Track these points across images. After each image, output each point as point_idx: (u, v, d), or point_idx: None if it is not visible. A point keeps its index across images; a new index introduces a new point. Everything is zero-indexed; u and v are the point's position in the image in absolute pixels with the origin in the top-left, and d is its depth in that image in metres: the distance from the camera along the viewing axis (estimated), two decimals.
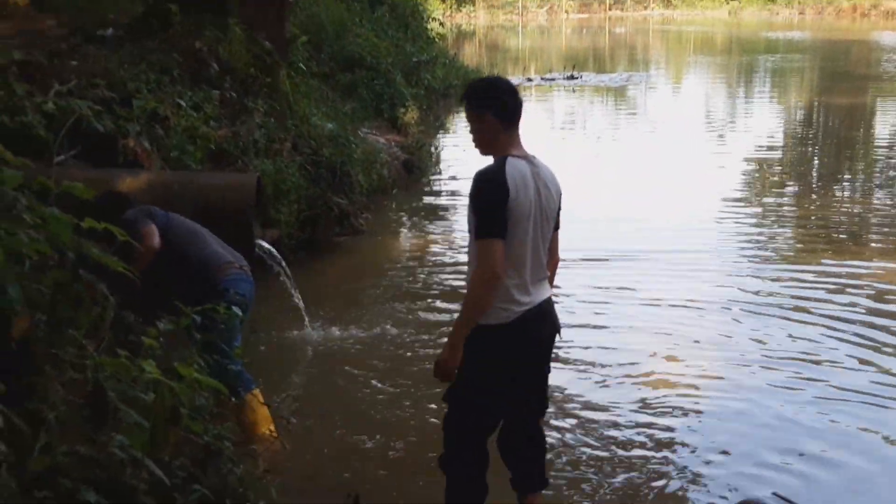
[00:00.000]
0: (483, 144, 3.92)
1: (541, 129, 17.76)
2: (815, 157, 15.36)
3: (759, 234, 9.97)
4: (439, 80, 20.96)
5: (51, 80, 7.49)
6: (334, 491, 4.50)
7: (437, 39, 23.53)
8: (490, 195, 3.74)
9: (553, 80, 25.90)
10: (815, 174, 14.06)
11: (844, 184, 12.97)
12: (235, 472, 3.62)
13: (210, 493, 3.33)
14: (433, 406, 5.67)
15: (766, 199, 11.85)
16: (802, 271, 8.48)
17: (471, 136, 3.94)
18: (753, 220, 10.58)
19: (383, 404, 5.77)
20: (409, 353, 6.62)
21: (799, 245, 9.54)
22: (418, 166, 12.99)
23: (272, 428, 4.72)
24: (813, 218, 10.76)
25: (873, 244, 9.69)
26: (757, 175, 13.48)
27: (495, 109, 3.83)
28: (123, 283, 3.43)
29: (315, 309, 7.18)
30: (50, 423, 2.98)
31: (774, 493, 4.60)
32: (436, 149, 14.89)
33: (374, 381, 6.11)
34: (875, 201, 11.75)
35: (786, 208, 11.45)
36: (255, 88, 10.33)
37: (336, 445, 5.21)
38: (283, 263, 6.84)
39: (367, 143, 12.07)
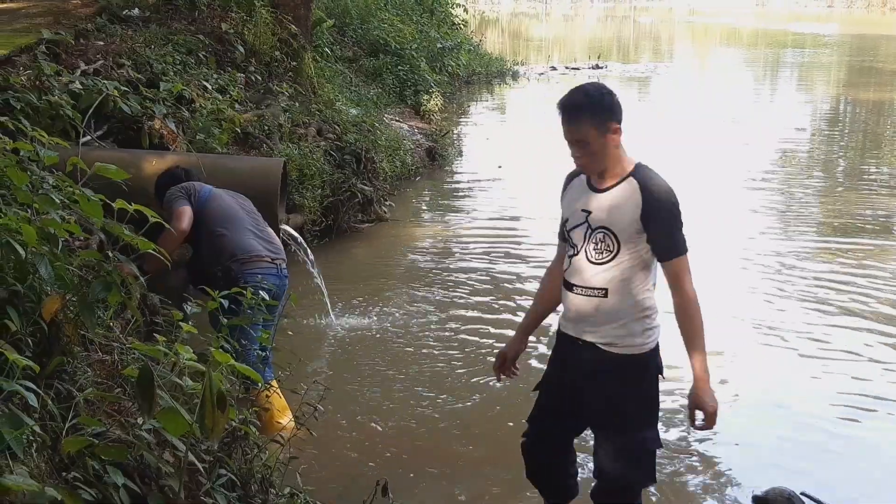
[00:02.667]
0: (606, 159, 3.55)
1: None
2: (841, 153, 15.20)
3: (782, 228, 9.88)
4: (463, 67, 20.89)
5: (77, 60, 7.49)
6: (360, 478, 4.49)
7: (462, 25, 23.44)
8: (680, 208, 3.50)
9: (578, 69, 25.74)
10: (840, 170, 13.91)
11: (870, 180, 12.82)
12: (261, 458, 3.62)
13: (236, 477, 3.32)
14: (457, 394, 5.66)
15: (791, 192, 11.74)
16: (826, 266, 8.45)
17: (578, 156, 3.58)
18: (777, 214, 10.47)
19: (407, 392, 5.75)
20: (432, 341, 6.60)
21: (822, 239, 9.44)
22: (441, 154, 12.93)
23: (288, 419, 4.70)
24: (837, 213, 10.65)
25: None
26: (781, 170, 13.35)
27: (620, 116, 3.57)
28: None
29: (338, 295, 7.17)
30: (79, 404, 2.98)
31: (803, 493, 4.57)
32: (458, 136, 14.82)
33: (397, 368, 6.10)
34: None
35: (810, 204, 11.33)
36: (280, 72, 10.33)
37: (361, 433, 5.19)
38: (307, 249, 6.82)
39: (391, 129, 12.02)
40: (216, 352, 2.55)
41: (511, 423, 5.23)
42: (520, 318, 6.97)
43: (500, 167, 12.75)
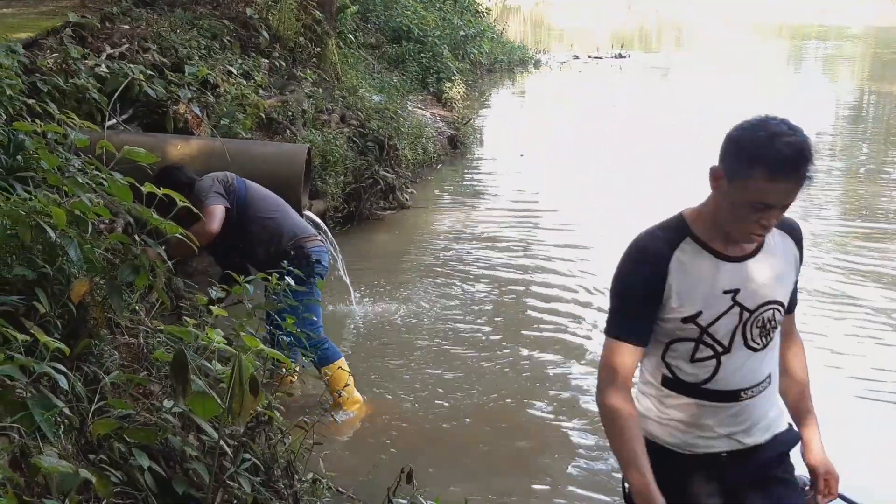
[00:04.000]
0: None
1: (591, 107, 17.65)
2: (864, 145, 15.09)
3: (802, 220, 9.78)
4: (486, 55, 20.82)
5: (102, 44, 7.50)
6: (383, 465, 4.49)
7: (485, 13, 23.36)
8: None
9: (600, 58, 25.63)
10: (862, 162, 13.78)
11: (892, 173, 12.73)
12: (285, 443, 3.63)
13: (260, 462, 3.33)
14: (482, 387, 5.66)
15: (811, 185, 11.60)
16: (845, 258, 8.37)
17: (767, 225, 2.55)
18: (797, 205, 10.36)
19: (428, 381, 5.74)
20: (451, 330, 6.59)
21: (843, 232, 9.36)
22: (463, 142, 12.91)
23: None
24: (858, 205, 10.58)
25: None
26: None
27: None
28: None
29: (360, 282, 7.17)
30: (105, 387, 2.99)
31: (841, 496, 4.52)
32: (480, 124, 14.79)
33: (418, 357, 6.09)
34: None
35: (832, 195, 11.25)
36: (304, 58, 10.33)
37: (384, 420, 5.19)
38: (330, 235, 6.82)
39: (414, 116, 12.00)
40: (245, 336, 2.55)
41: (537, 420, 5.25)
42: (542, 307, 7.03)
43: (521, 156, 12.72)
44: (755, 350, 2.63)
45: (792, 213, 2.65)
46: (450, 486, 4.47)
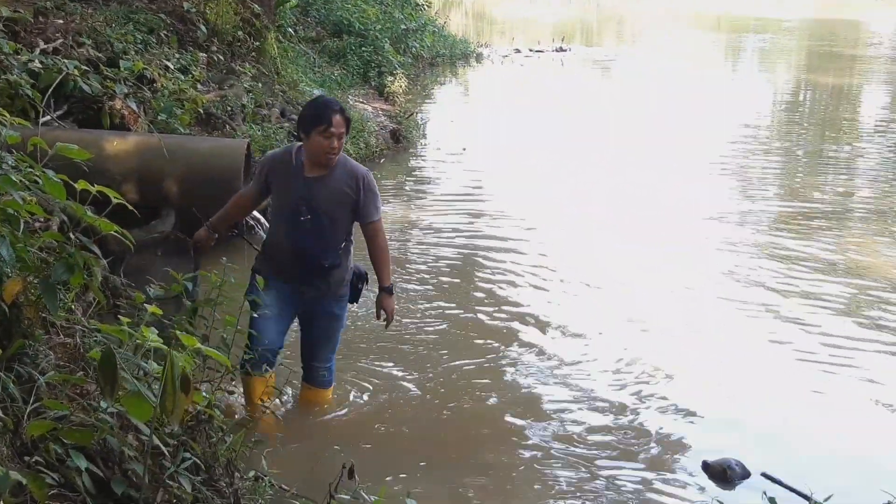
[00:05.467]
0: None
1: (526, 101, 17.74)
2: (801, 137, 15.37)
3: (742, 212, 9.96)
4: (427, 49, 20.81)
5: (36, 39, 7.38)
6: (325, 461, 4.49)
7: (426, 6, 23.33)
8: None
9: (542, 51, 25.73)
10: (800, 154, 14.06)
11: (829, 164, 13.00)
12: (226, 441, 3.60)
13: (200, 461, 3.30)
14: (430, 380, 5.68)
15: (749, 178, 11.87)
16: (783, 248, 8.56)
17: None
18: (737, 198, 10.56)
19: (375, 375, 5.72)
20: (395, 323, 6.57)
21: (780, 223, 9.55)
22: (405, 136, 12.88)
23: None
24: (797, 197, 10.79)
25: (856, 224, 9.81)
26: (741, 154, 13.46)
27: None
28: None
29: None
30: (41, 387, 2.95)
31: (763, 474, 4.63)
32: (423, 119, 14.79)
33: (365, 351, 6.05)
34: (858, 183, 11.82)
35: (770, 187, 11.49)
36: (243, 52, 10.26)
37: (327, 416, 5.16)
38: (263, 221, 6.78)
39: (355, 110, 11.96)
40: (183, 335, 2.52)
41: (486, 413, 5.29)
42: (493, 296, 7.08)
43: (464, 149, 12.73)
44: None
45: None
46: (393, 480, 4.48)
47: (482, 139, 13.66)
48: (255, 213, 6.56)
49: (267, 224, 6.49)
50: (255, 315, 4.48)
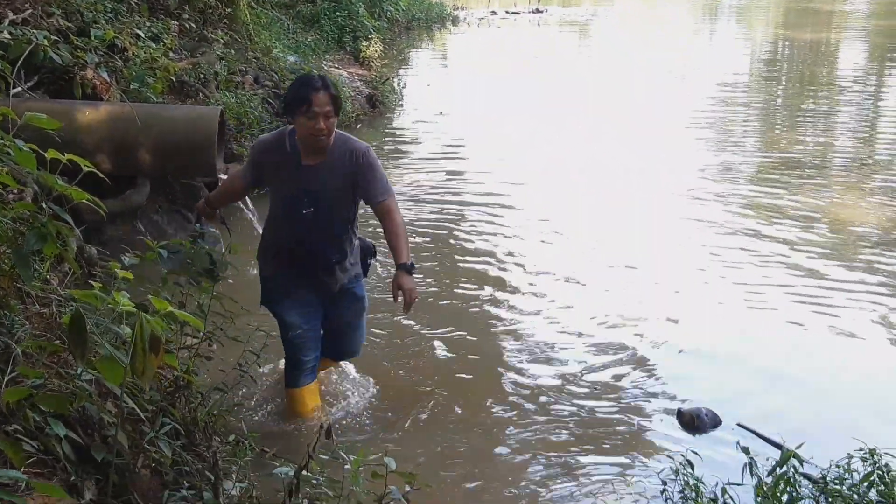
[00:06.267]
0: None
1: (503, 64, 17.70)
2: (780, 93, 15.46)
3: (722, 168, 10.04)
4: (402, 13, 20.68)
5: (4, 10, 7.28)
6: (303, 423, 4.52)
7: None
8: None
9: (518, 13, 25.61)
10: (779, 107, 14.17)
11: (808, 119, 13.08)
12: (205, 406, 3.63)
13: (180, 426, 3.33)
14: (405, 347, 5.70)
15: (730, 132, 11.94)
16: (764, 198, 8.68)
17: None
18: (714, 158, 10.62)
19: None
20: (373, 288, 6.60)
21: (761, 178, 9.65)
22: (382, 101, 12.84)
23: None
24: (777, 149, 10.88)
25: (836, 174, 9.93)
26: (721, 110, 13.53)
27: None
28: None
29: None
30: (17, 357, 2.96)
31: (739, 424, 4.72)
32: (399, 83, 14.74)
33: None
34: (837, 134, 11.92)
35: (750, 139, 11.59)
36: (215, 19, 10.16)
37: None
38: (248, 199, 6.76)
39: (331, 76, 11.90)
40: (154, 299, 2.54)
41: (464, 381, 5.34)
42: (468, 265, 7.12)
43: (441, 113, 12.71)
44: None
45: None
46: (371, 440, 4.51)
47: (459, 104, 13.65)
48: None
49: (251, 207, 6.48)
50: (290, 335, 4.39)
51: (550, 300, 6.45)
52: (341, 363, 5.11)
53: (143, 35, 8.17)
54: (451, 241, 7.57)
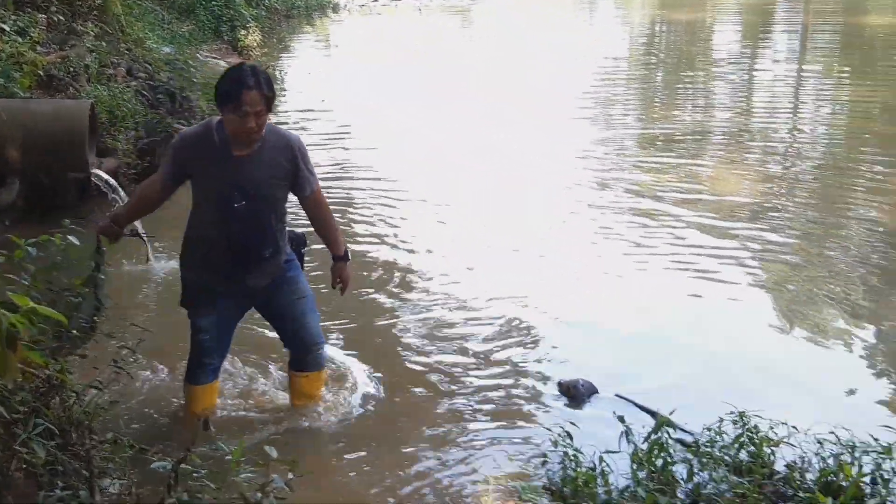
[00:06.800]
0: None
1: (384, 51, 17.71)
2: (659, 71, 15.89)
3: (605, 144, 10.27)
4: (282, 1, 20.47)
5: None
6: (182, 418, 4.47)
7: None
8: None
9: None
10: (658, 86, 14.56)
11: (687, 95, 13.51)
12: (80, 404, 3.56)
13: (54, 426, 3.26)
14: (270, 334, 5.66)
15: (612, 109, 12.22)
16: (645, 178, 8.92)
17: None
18: (598, 135, 10.83)
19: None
20: None
21: (643, 153, 9.95)
22: None
23: None
24: (656, 123, 11.20)
25: (713, 149, 10.30)
26: (603, 89, 13.81)
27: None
28: None
29: (158, 240, 6.94)
30: None
31: (617, 394, 4.85)
32: (280, 72, 14.57)
33: None
34: (715, 111, 12.40)
35: (630, 120, 11.88)
36: (84, 11, 9.87)
37: (180, 375, 5.11)
38: (122, 193, 6.63)
39: (208, 66, 11.72)
40: (14, 295, 2.48)
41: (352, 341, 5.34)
42: (361, 245, 7.11)
43: (323, 101, 12.64)
44: None
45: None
46: (249, 432, 4.47)
47: (342, 91, 13.60)
48: (102, 173, 6.40)
49: (116, 185, 6.35)
50: (199, 338, 4.26)
51: (439, 280, 6.54)
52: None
53: (7, 29, 7.90)
54: (340, 226, 7.54)
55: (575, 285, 6.44)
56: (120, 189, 6.55)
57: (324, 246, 4.40)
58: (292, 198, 4.24)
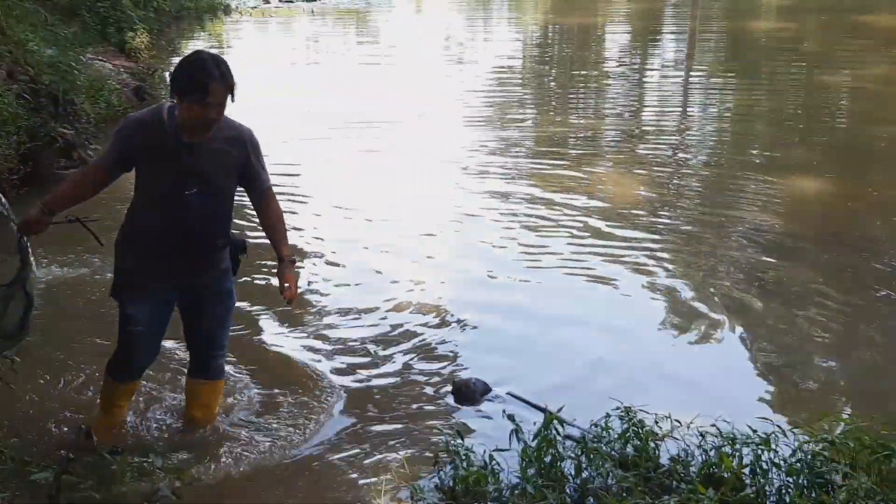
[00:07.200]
0: None
1: (277, 51, 17.58)
2: (553, 73, 16.12)
3: (503, 145, 10.37)
4: (170, 2, 20.11)
5: None
6: (62, 426, 4.35)
7: None
8: None
9: (292, 2, 25.37)
10: (552, 89, 14.78)
11: (580, 97, 13.76)
12: None
13: None
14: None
15: (508, 118, 12.30)
16: (541, 177, 9.05)
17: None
18: (496, 142, 10.85)
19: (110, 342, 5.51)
20: None
21: (539, 153, 10.07)
22: (150, 93, 12.37)
23: None
24: (551, 125, 11.35)
25: (605, 149, 10.56)
26: (499, 91, 13.94)
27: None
28: None
29: (41, 247, 6.72)
30: None
31: (509, 393, 4.90)
32: (169, 75, 14.29)
33: (102, 320, 5.77)
34: (607, 112, 12.67)
35: (527, 124, 12.01)
36: None
37: (63, 383, 4.96)
38: (3, 200, 6.38)
39: (93, 68, 11.42)
40: None
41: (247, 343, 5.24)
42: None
43: None
44: None
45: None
46: (139, 440, 4.38)
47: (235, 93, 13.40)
48: None
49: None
50: (130, 330, 4.06)
51: (334, 282, 6.59)
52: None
53: None
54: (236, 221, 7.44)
55: (468, 286, 6.48)
56: (1, 196, 6.28)
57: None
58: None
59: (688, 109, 13.03)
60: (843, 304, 6.16)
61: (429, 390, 5.06)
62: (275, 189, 4.14)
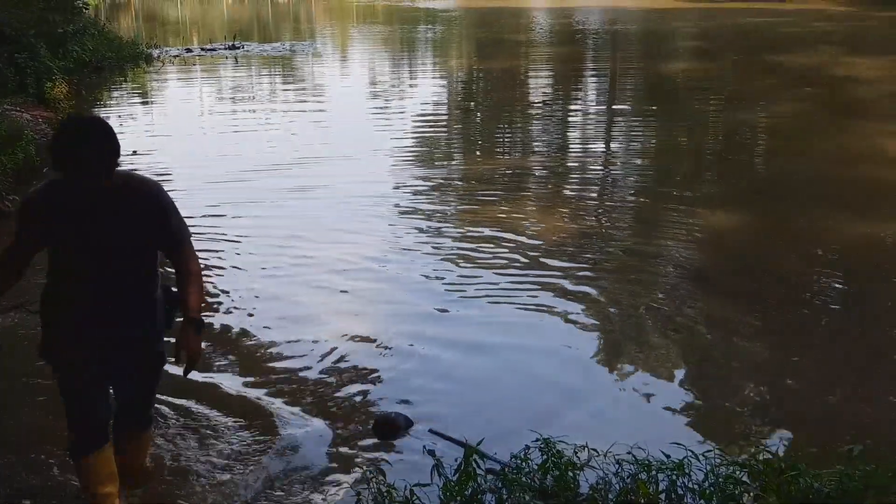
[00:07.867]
0: None
1: (202, 103, 17.51)
2: (478, 116, 16.33)
3: (432, 192, 10.35)
4: (90, 53, 19.99)
5: None
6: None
7: (84, 9, 22.23)
8: None
9: (214, 50, 25.37)
10: (478, 130, 14.98)
11: (505, 138, 13.95)
12: None
13: None
14: None
15: (436, 157, 12.40)
16: (467, 220, 9.02)
17: None
18: (425, 180, 10.88)
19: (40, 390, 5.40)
20: None
21: (466, 196, 10.10)
22: None
23: None
24: (478, 171, 11.43)
25: (532, 190, 10.63)
26: (425, 133, 14.03)
27: None
28: None
29: None
30: None
31: (431, 430, 4.89)
32: None
33: (28, 371, 5.64)
34: (531, 152, 12.84)
35: (455, 163, 12.14)
36: None
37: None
38: None
39: (9, 119, 11.26)
40: None
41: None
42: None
43: (134, 152, 12.30)
44: None
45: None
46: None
47: (154, 140, 13.33)
48: None
49: None
50: (75, 388, 3.73)
51: (257, 314, 6.61)
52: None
53: None
54: None
55: (392, 321, 6.47)
56: None
57: None
58: None
59: (611, 146, 13.30)
60: (760, 330, 6.29)
61: (349, 425, 5.02)
62: (199, 230, 4.05)
